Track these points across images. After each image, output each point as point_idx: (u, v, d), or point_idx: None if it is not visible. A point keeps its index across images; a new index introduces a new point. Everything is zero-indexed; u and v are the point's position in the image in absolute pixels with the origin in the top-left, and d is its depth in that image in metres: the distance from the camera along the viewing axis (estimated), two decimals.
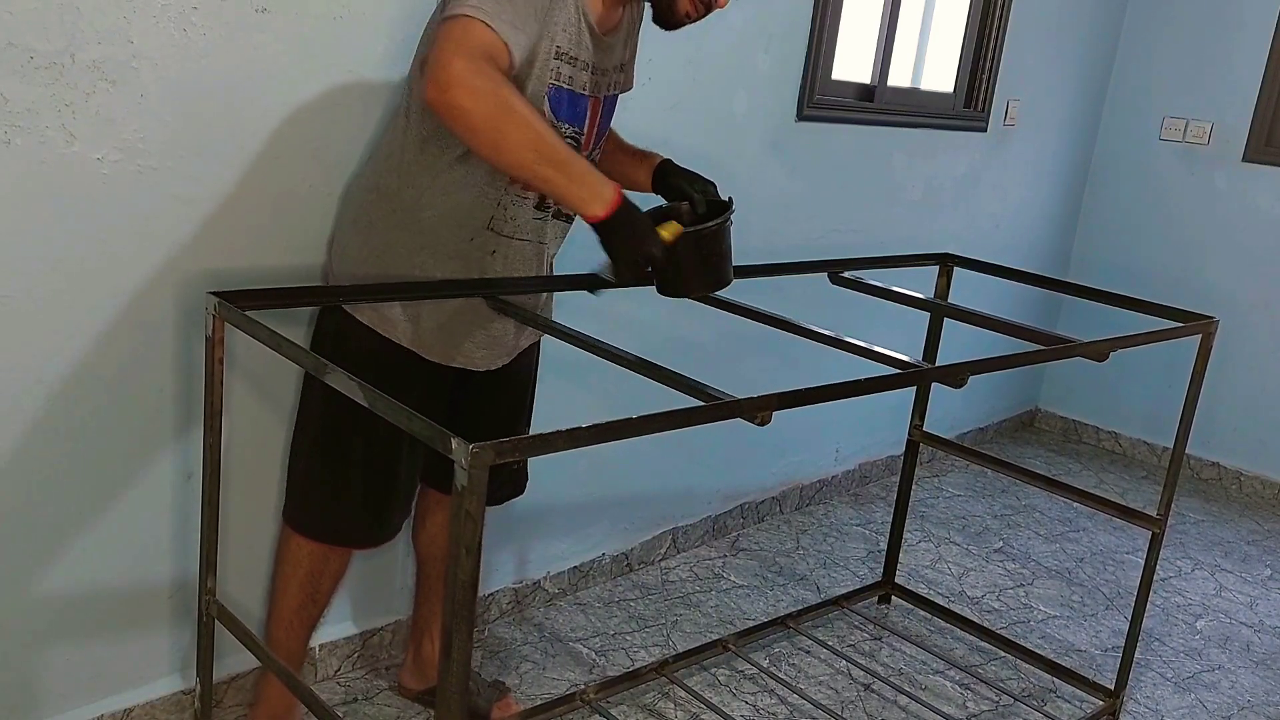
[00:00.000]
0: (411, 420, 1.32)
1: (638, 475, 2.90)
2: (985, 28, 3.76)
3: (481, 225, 1.85)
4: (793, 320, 2.03)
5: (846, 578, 3.16)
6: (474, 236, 1.86)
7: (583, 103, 1.85)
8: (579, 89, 1.83)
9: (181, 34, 1.80)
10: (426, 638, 2.31)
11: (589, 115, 1.88)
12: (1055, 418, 4.80)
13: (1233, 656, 3.01)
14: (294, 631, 2.07)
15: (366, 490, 1.97)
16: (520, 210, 1.87)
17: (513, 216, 1.87)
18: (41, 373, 1.80)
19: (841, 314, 2.70)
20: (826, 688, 2.59)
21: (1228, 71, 4.20)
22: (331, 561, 2.03)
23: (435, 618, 2.28)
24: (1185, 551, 3.69)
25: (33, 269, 1.75)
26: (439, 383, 1.97)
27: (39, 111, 1.68)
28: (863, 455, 3.83)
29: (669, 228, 1.76)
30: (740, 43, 2.86)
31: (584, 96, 1.85)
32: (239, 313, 1.60)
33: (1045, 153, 4.28)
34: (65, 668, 1.96)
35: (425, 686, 2.32)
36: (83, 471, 1.89)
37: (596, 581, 2.92)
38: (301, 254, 2.05)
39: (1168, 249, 4.40)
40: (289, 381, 2.10)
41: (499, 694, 2.29)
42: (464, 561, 1.24)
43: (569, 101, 1.82)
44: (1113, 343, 2.13)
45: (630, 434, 1.41)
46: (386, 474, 1.96)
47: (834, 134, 3.25)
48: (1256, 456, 4.28)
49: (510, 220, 1.87)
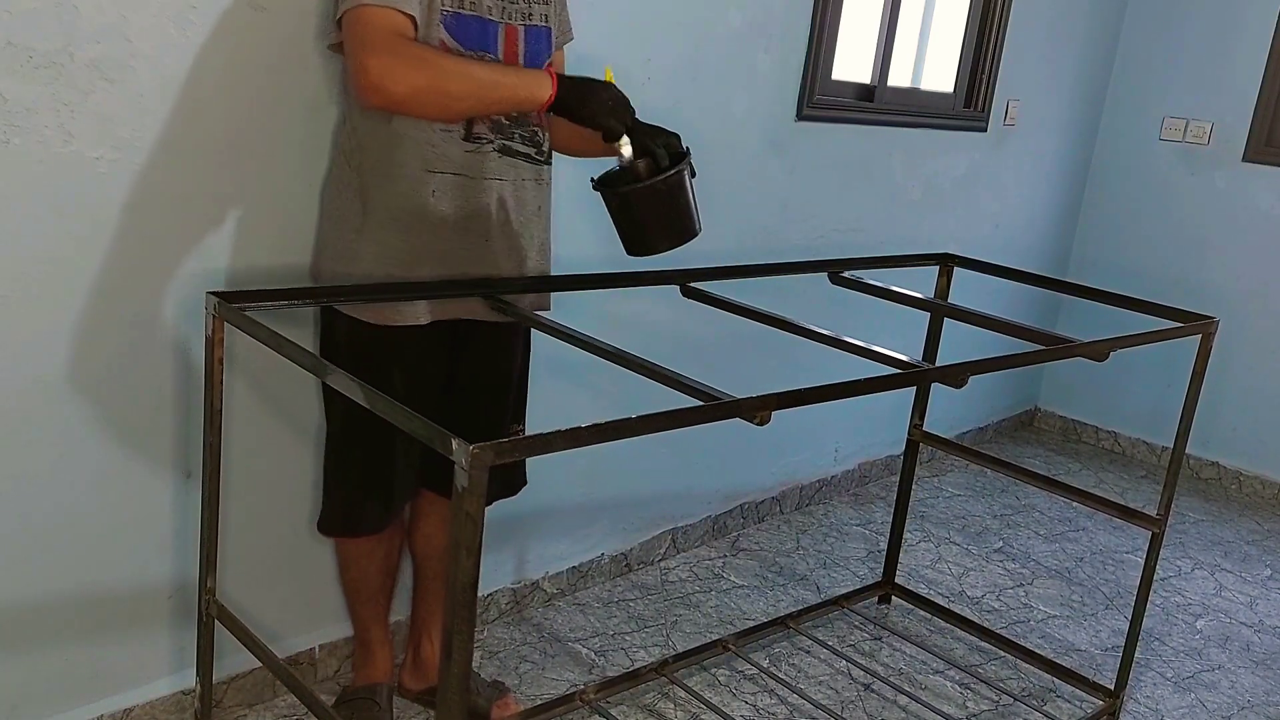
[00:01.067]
0: (411, 420, 1.32)
1: (637, 475, 2.89)
2: (985, 28, 3.76)
3: (419, 168, 1.86)
4: (793, 320, 2.02)
5: (846, 578, 3.16)
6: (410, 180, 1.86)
7: (492, 29, 1.86)
8: (484, 14, 1.85)
9: (179, 32, 1.80)
10: (425, 638, 2.32)
11: (502, 42, 1.88)
12: (1055, 417, 4.80)
13: (1233, 656, 3.01)
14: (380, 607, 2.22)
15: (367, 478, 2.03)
16: (450, 146, 1.86)
17: (444, 154, 1.86)
18: (41, 372, 1.80)
19: (841, 314, 2.70)
20: (826, 688, 2.59)
21: (1228, 71, 4.20)
22: (381, 545, 2.13)
23: (433, 618, 2.30)
24: (1185, 551, 3.69)
25: (31, 268, 1.75)
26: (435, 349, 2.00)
27: (37, 110, 1.68)
28: (862, 455, 3.83)
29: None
30: (740, 43, 2.86)
31: (493, 22, 1.86)
32: (239, 312, 1.60)
33: (1045, 153, 4.28)
34: (65, 668, 1.95)
35: (425, 686, 2.32)
36: (83, 471, 1.89)
37: (596, 582, 2.92)
38: (300, 254, 2.05)
39: (1168, 249, 4.40)
40: (289, 381, 2.10)
41: (499, 693, 2.30)
42: (464, 561, 1.24)
43: (477, 30, 1.84)
44: (1112, 343, 2.12)
45: (630, 434, 1.41)
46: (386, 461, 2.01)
47: (834, 134, 3.25)
48: (1256, 456, 4.28)
49: (442, 157, 1.86)
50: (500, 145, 1.91)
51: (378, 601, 2.22)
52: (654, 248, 1.88)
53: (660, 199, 1.83)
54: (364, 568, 2.16)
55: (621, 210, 1.86)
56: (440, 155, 1.86)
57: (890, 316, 2.73)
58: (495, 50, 1.86)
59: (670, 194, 1.83)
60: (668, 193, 1.83)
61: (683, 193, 1.85)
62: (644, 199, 1.83)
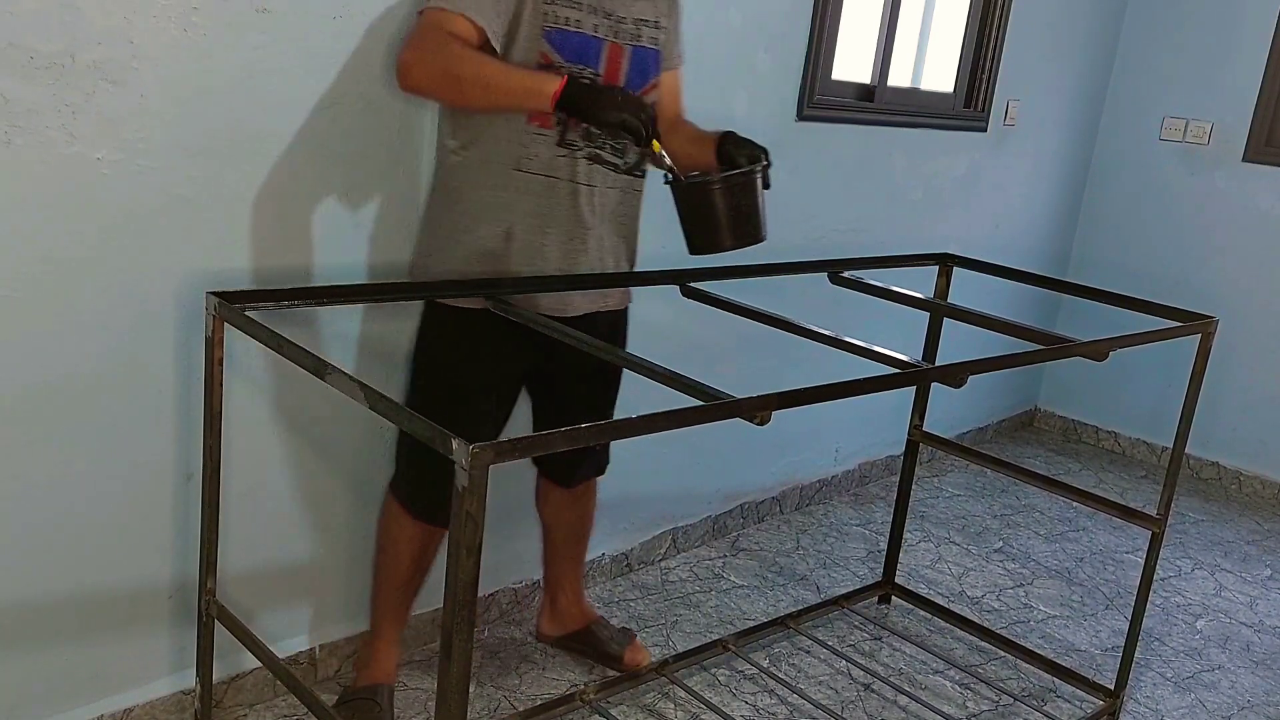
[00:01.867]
0: (412, 421, 1.32)
1: (638, 475, 2.89)
2: (985, 28, 3.76)
3: (509, 167, 1.97)
4: (793, 320, 2.03)
5: (846, 578, 3.16)
6: (501, 181, 1.98)
7: (594, 45, 1.95)
8: (588, 31, 1.93)
9: (182, 34, 1.80)
10: (561, 591, 2.53)
11: (605, 60, 1.97)
12: (1055, 417, 4.80)
13: (1233, 656, 3.01)
14: (404, 599, 2.26)
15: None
16: (543, 148, 1.97)
17: (536, 154, 1.97)
18: (42, 372, 1.80)
19: (841, 314, 2.70)
20: (826, 688, 2.59)
21: (1228, 71, 4.20)
22: (435, 538, 2.20)
23: (565, 574, 2.52)
24: (1185, 551, 3.69)
25: (33, 268, 1.75)
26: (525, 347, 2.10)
27: (40, 112, 1.68)
28: (863, 455, 3.83)
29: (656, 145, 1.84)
30: (740, 43, 2.86)
31: (596, 39, 1.94)
32: (239, 313, 1.60)
33: (1045, 153, 4.28)
34: (65, 668, 1.96)
35: (562, 633, 2.54)
36: (83, 471, 1.89)
37: (596, 581, 2.92)
38: (301, 254, 2.05)
39: (1168, 249, 4.40)
40: (289, 381, 2.10)
41: (628, 638, 2.51)
42: (464, 561, 1.24)
43: (578, 44, 1.93)
44: (1112, 342, 2.13)
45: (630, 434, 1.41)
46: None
47: (834, 134, 3.25)
48: (1256, 456, 4.28)
49: (535, 158, 1.97)
50: (589, 153, 2.00)
51: (403, 592, 2.26)
52: (719, 244, 1.92)
53: (728, 196, 1.88)
54: (402, 554, 2.20)
55: (688, 204, 1.91)
56: (531, 155, 1.97)
57: (890, 316, 2.73)
58: (597, 65, 1.96)
59: (738, 192, 1.88)
60: (736, 190, 1.88)
61: (750, 194, 1.90)
62: (713, 194, 1.88)
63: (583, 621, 2.53)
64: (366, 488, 2.31)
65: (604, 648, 2.49)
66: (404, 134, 2.14)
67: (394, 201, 2.16)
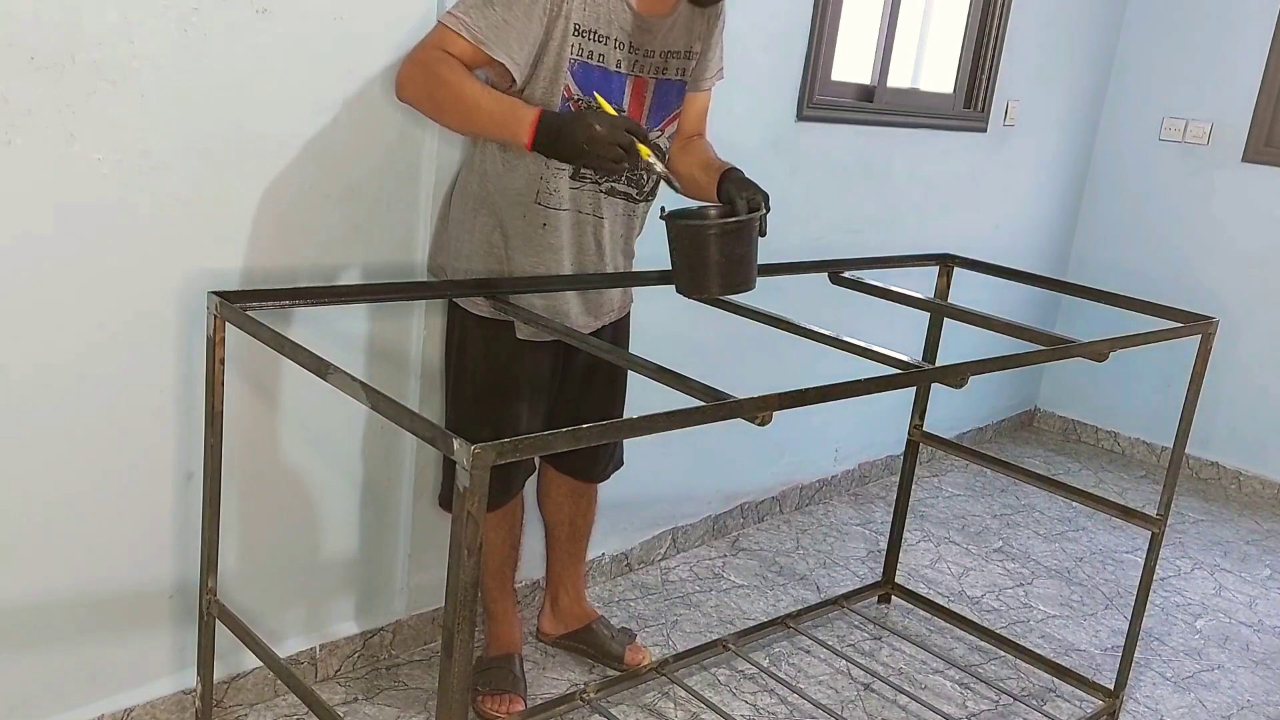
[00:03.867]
0: (413, 421, 1.32)
1: (638, 475, 2.89)
2: (985, 28, 3.76)
3: (531, 200, 2.00)
4: (793, 320, 2.03)
5: (846, 577, 3.17)
6: (526, 213, 2.01)
7: (617, 80, 1.95)
8: (611, 66, 1.93)
9: (182, 34, 1.80)
10: (562, 590, 2.55)
11: (629, 94, 1.98)
12: (1054, 417, 4.80)
13: (1232, 656, 3.01)
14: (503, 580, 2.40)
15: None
16: (560, 182, 2.00)
17: (555, 189, 2.00)
18: (42, 372, 1.80)
19: (841, 314, 2.70)
20: (826, 687, 2.59)
21: (1227, 71, 4.20)
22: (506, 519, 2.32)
23: (566, 572, 2.55)
24: (1185, 551, 3.69)
25: (33, 269, 1.75)
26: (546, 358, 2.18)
27: (40, 112, 1.68)
28: (862, 455, 3.83)
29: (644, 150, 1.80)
30: (740, 43, 2.85)
31: (618, 74, 1.94)
32: (240, 312, 1.60)
33: (1045, 153, 4.28)
34: (66, 668, 1.96)
35: (563, 632, 2.56)
36: (83, 471, 1.89)
37: (596, 581, 2.92)
38: (301, 254, 2.05)
39: (1167, 249, 4.40)
40: (289, 381, 2.10)
41: (629, 637, 2.54)
42: (464, 561, 1.25)
43: (599, 77, 1.93)
44: (1112, 343, 2.13)
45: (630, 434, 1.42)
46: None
47: (834, 134, 3.25)
48: (1255, 456, 4.28)
49: (554, 193, 2.00)
50: (607, 187, 2.05)
51: (503, 574, 2.39)
52: (706, 289, 1.90)
53: (722, 243, 1.83)
54: (488, 542, 2.30)
55: (680, 244, 1.88)
56: (550, 190, 2.00)
57: (890, 316, 2.73)
58: (619, 99, 1.98)
59: (733, 240, 1.84)
60: (731, 238, 1.84)
61: (745, 243, 1.86)
62: (707, 239, 1.84)
63: (583, 620, 2.53)
64: (367, 487, 2.31)
65: (604, 647, 2.50)
66: (404, 134, 2.14)
67: (394, 202, 2.16)
